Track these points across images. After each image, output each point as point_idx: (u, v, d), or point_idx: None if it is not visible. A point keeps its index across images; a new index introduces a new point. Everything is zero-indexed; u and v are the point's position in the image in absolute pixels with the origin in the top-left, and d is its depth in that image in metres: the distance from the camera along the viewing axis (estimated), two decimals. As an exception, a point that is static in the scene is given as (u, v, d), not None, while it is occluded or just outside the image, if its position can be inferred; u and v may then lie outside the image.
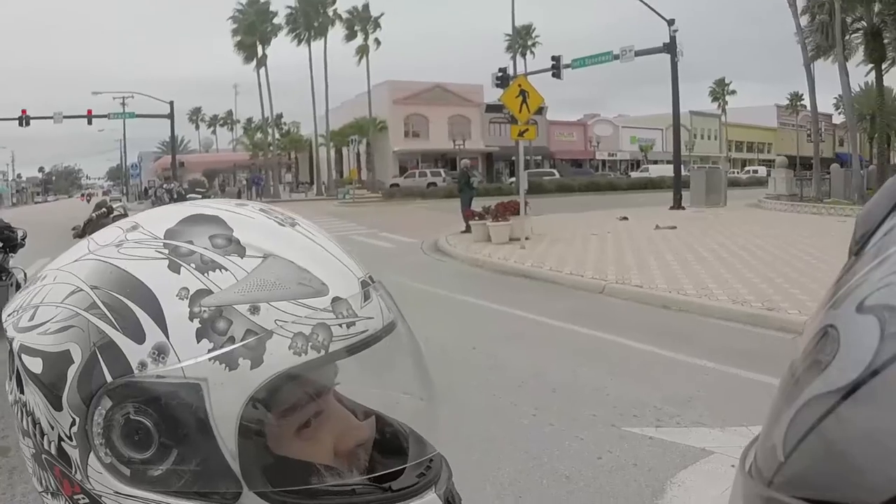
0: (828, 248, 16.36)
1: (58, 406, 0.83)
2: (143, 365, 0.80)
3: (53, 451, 0.86)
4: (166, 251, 0.85)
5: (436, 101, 75.47)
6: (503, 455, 5.84)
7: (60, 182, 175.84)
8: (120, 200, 77.44)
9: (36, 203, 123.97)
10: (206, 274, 0.83)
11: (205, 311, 0.81)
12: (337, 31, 72.54)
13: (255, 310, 0.82)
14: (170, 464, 0.81)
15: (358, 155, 77.04)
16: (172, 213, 0.92)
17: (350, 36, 72.43)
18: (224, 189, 73.97)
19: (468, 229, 22.01)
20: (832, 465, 0.40)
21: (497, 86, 37.65)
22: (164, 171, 76.85)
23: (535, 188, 45.23)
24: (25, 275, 11.19)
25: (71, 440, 0.84)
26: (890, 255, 0.44)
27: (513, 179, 45.10)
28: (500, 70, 40.56)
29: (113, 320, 0.82)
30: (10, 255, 12.19)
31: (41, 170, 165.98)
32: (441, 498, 0.95)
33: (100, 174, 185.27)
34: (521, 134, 19.16)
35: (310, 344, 0.83)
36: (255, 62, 73.78)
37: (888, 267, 0.43)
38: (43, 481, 0.91)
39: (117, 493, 0.83)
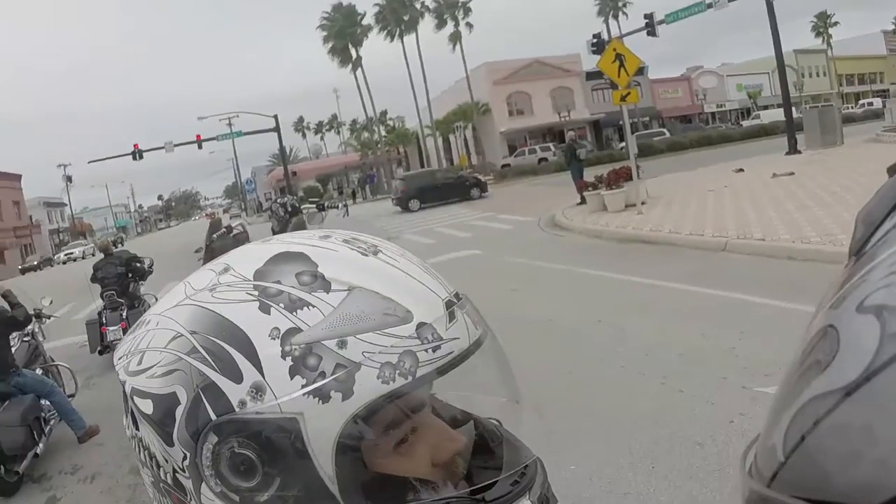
0: (957, 174, 15.71)
1: (169, 442, 0.91)
2: (242, 403, 0.86)
3: (170, 482, 0.95)
4: (256, 293, 0.91)
5: (535, 76, 74.85)
6: (634, 426, 5.87)
7: (180, 206, 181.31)
8: (239, 216, 79.40)
9: (160, 230, 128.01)
10: (294, 312, 0.88)
11: (296, 349, 0.87)
12: (427, 22, 72.94)
13: (342, 344, 0.87)
14: (274, 490, 0.87)
15: (465, 140, 77.09)
16: (260, 253, 0.98)
17: (440, 25, 72.67)
18: (342, 191, 75.05)
19: (583, 201, 21.90)
20: (831, 466, 0.41)
21: (593, 52, 37.04)
22: (278, 183, 78.35)
23: (645, 150, 44.57)
24: (157, 300, 11.73)
25: (184, 472, 0.91)
26: (890, 255, 0.46)
27: (623, 144, 44.60)
28: (594, 36, 39.93)
29: (212, 363, 0.88)
30: (140, 283, 12.76)
31: (160, 197, 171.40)
32: (535, 503, 0.99)
33: (217, 193, 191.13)
34: (623, 98, 18.93)
35: (397, 372, 0.87)
36: (350, 65, 74.64)
37: (888, 267, 0.44)
38: None
39: None
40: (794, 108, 35.56)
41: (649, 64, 70.25)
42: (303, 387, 0.86)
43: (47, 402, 8.31)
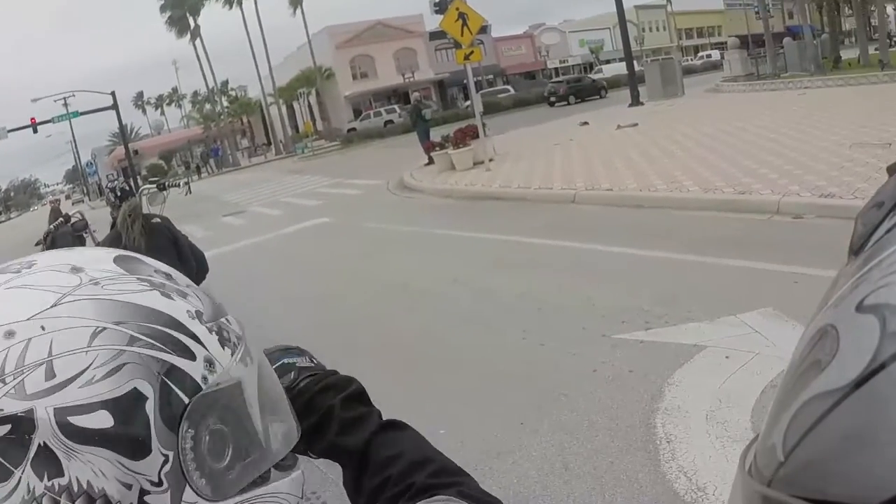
0: (791, 122, 16.36)
1: (142, 453, 0.77)
2: (204, 378, 0.82)
3: None
4: (146, 284, 0.86)
5: (378, 39, 74.54)
6: (500, 384, 5.81)
7: (20, 196, 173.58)
8: (82, 202, 76.40)
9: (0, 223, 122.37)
10: (186, 298, 0.88)
11: (212, 325, 0.87)
12: (267, -14, 71.62)
13: (228, 321, 0.91)
14: (240, 460, 0.85)
15: (310, 107, 76.37)
16: (104, 253, 0.92)
17: (281, -12, 71.42)
18: (188, 166, 73.37)
19: (431, 161, 21.85)
20: (832, 465, 0.40)
21: (436, 12, 36.82)
22: (119, 163, 75.58)
23: (491, 107, 45.02)
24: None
25: (160, 485, 0.78)
26: (889, 255, 0.43)
27: (468, 103, 44.87)
28: (436, -4, 40.01)
29: (163, 346, 0.81)
30: None
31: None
32: None
33: (58, 179, 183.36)
34: (466, 57, 18.94)
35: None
36: (188, 35, 72.83)
37: (887, 266, 0.43)
38: None
39: None
40: (635, 62, 36.39)
41: (492, 22, 70.92)
42: (232, 354, 0.87)
43: None
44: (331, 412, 1.10)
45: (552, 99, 53.46)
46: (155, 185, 10.08)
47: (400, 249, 12.06)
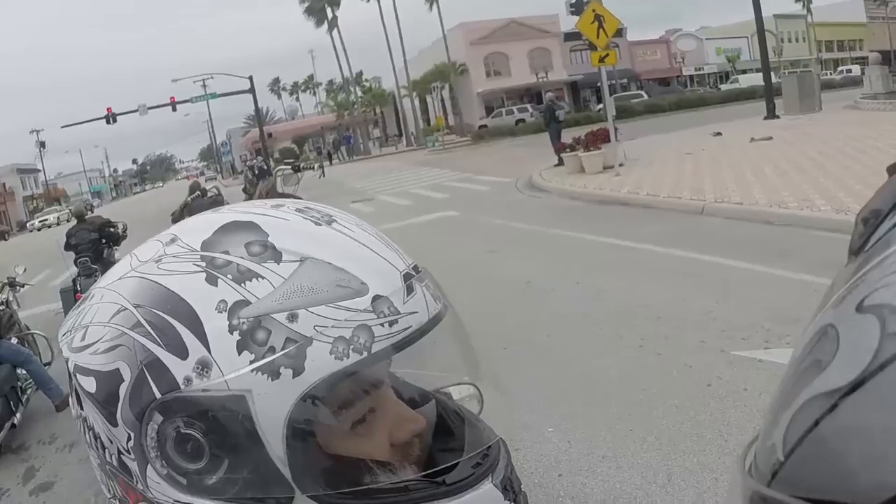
0: (933, 142, 15.80)
1: (113, 422, 0.88)
2: (188, 380, 0.83)
3: (115, 463, 0.91)
4: (203, 264, 0.88)
5: (512, 37, 74.35)
6: (611, 388, 5.85)
7: (156, 170, 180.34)
8: (215, 179, 78.70)
9: (135, 194, 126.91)
10: (242, 284, 0.85)
11: (244, 322, 0.83)
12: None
13: (293, 317, 0.84)
14: (222, 472, 0.85)
15: (442, 101, 76.71)
16: (209, 223, 0.94)
17: (419, -17, 71.91)
18: (320, 152, 74.72)
19: (561, 162, 21.84)
20: (831, 465, 0.40)
21: (571, 13, 36.48)
22: (253, 145, 77.56)
23: (623, 112, 44.53)
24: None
25: (129, 453, 0.88)
26: (889, 255, 0.44)
27: (600, 106, 44.51)
28: (574, -4, 39.74)
29: (157, 338, 0.85)
30: (115, 248, 12.63)
31: (135, 161, 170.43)
32: (499, 487, 0.95)
33: (192, 156, 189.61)
34: (601, 60, 18.84)
35: (351, 347, 0.84)
36: (326, 25, 74.00)
37: (887, 266, 0.43)
38: (111, 489, 0.97)
39: (177, 501, 0.87)
40: (772, 73, 35.51)
41: (628, 25, 70.17)
42: (251, 362, 0.83)
43: (23, 372, 8.13)
44: None
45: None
46: (290, 167, 10.39)
47: (524, 247, 12.13)
